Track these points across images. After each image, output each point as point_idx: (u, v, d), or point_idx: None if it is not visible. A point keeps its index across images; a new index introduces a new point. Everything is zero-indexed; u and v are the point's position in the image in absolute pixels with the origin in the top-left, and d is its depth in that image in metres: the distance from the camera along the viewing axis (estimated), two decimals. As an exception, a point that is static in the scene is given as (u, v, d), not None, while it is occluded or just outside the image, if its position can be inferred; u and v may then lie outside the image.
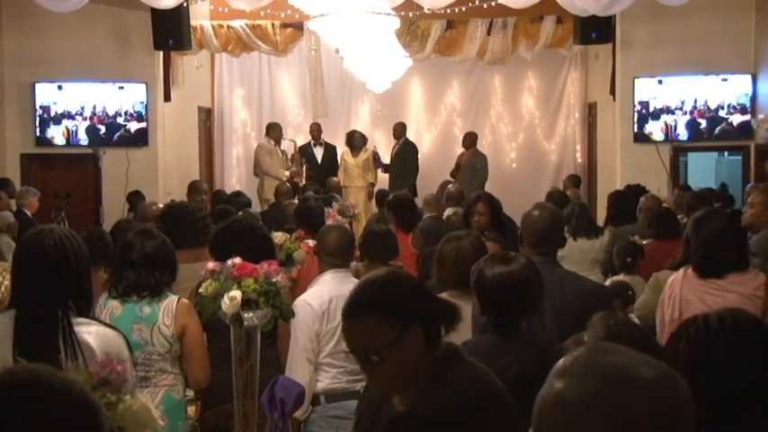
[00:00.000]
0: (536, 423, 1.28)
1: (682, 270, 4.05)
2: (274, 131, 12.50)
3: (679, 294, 3.97)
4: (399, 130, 13.15)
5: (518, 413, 2.09)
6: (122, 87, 11.01)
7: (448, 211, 7.64)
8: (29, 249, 2.88)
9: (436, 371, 2.14)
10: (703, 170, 12.36)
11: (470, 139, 12.74)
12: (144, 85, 10.99)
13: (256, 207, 10.80)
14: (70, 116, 11.03)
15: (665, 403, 1.23)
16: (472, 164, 12.37)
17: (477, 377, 2.18)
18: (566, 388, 1.25)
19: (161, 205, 6.93)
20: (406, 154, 12.93)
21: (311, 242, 4.94)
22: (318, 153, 12.97)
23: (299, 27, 11.62)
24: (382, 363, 2.07)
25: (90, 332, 2.83)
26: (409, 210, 7.10)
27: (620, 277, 6.10)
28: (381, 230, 5.01)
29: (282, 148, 12.50)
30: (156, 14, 10.28)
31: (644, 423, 1.21)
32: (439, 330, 2.19)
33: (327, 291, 4.08)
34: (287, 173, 11.97)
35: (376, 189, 12.01)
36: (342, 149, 13.12)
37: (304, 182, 11.65)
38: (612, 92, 11.27)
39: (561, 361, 1.30)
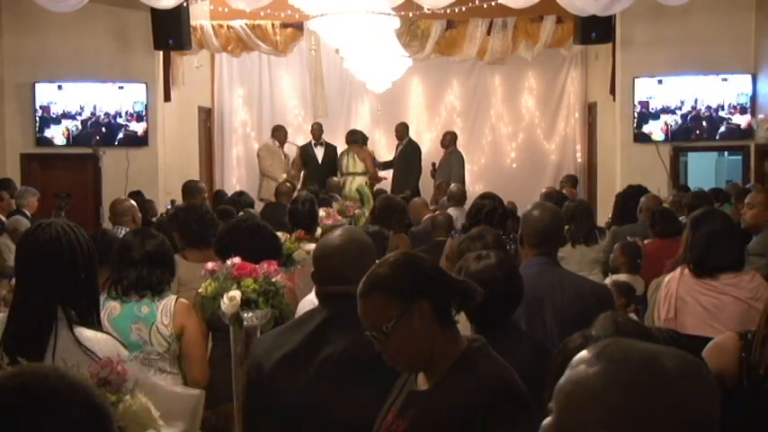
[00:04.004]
0: (563, 409, 1.28)
1: (679, 269, 4.02)
2: (280, 133, 12.56)
3: (675, 293, 3.95)
4: (402, 130, 13.09)
5: (534, 420, 2.07)
6: (122, 87, 11.02)
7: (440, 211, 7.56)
8: (25, 246, 2.71)
9: (464, 358, 2.21)
10: (703, 170, 12.35)
11: (449, 139, 12.64)
12: (144, 85, 11.00)
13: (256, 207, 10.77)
14: (70, 116, 11.03)
15: (697, 387, 1.27)
16: (449, 163, 12.31)
17: (503, 376, 2.22)
18: (602, 371, 1.26)
19: (132, 202, 6.93)
20: (408, 154, 12.89)
21: (309, 246, 4.92)
22: (319, 153, 12.95)
23: (299, 27, 11.62)
24: (390, 339, 2.17)
25: (88, 338, 2.63)
26: (387, 212, 6.88)
27: (622, 277, 6.08)
28: (373, 231, 4.96)
29: (285, 151, 12.52)
30: (156, 14, 10.28)
31: (680, 405, 1.24)
32: (449, 308, 2.25)
33: None
34: (284, 175, 11.97)
35: (376, 189, 11.99)
36: (342, 149, 13.11)
37: (299, 187, 11.60)
38: (612, 92, 11.27)
39: (586, 350, 1.31)
